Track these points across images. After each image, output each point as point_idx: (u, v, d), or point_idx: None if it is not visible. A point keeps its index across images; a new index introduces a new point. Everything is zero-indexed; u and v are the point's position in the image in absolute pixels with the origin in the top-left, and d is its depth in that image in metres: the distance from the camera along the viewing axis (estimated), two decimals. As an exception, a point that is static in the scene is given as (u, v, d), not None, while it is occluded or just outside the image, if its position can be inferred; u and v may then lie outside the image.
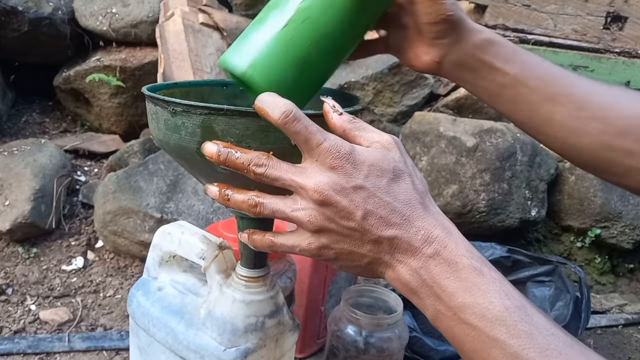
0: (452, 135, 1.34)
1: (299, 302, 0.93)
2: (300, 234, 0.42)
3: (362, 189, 0.38)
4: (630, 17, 2.04)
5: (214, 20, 1.50)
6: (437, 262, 0.38)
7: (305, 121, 0.39)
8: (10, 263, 1.19)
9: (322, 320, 1.00)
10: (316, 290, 0.97)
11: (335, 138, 0.39)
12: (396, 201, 0.39)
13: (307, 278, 0.93)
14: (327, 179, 0.38)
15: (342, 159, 0.38)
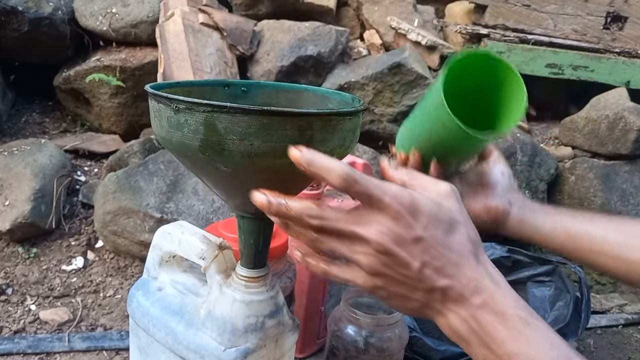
0: (452, 135, 1.34)
1: (299, 302, 0.93)
2: (355, 270, 0.43)
3: (420, 241, 0.40)
4: (630, 17, 2.04)
5: (214, 20, 1.50)
6: (486, 312, 0.40)
7: (363, 181, 0.41)
8: (10, 263, 1.19)
9: (322, 320, 1.00)
10: (316, 290, 0.97)
11: (395, 190, 0.41)
12: (451, 252, 0.41)
13: (307, 278, 0.93)
14: (388, 230, 0.40)
15: (402, 211, 0.40)
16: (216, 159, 0.46)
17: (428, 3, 2.11)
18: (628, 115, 1.44)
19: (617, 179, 1.46)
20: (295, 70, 1.48)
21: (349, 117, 0.49)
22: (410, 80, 1.46)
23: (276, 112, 0.44)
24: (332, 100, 0.63)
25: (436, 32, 1.88)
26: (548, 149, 1.54)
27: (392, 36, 1.72)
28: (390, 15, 1.74)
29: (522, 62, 1.81)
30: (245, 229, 0.57)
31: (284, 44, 1.49)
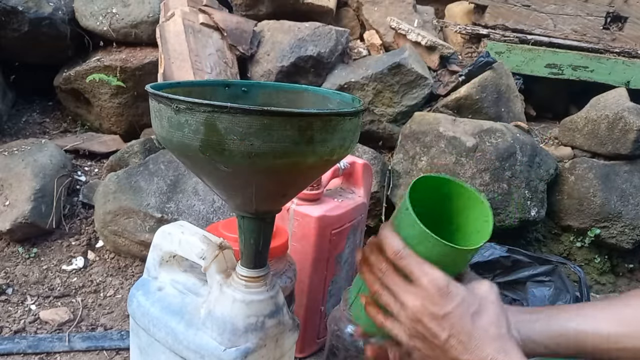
0: (451, 136, 1.34)
1: (299, 302, 0.93)
2: (400, 330, 0.51)
3: (449, 317, 0.47)
4: (630, 17, 2.04)
5: (214, 21, 1.50)
6: None
7: (408, 259, 0.50)
8: (10, 263, 1.19)
9: (322, 319, 0.99)
10: (316, 290, 0.96)
11: (432, 274, 0.48)
12: (475, 330, 0.47)
13: (307, 278, 0.93)
14: (421, 305, 0.48)
15: (436, 292, 0.48)
16: (216, 159, 0.46)
17: (428, 3, 2.11)
18: (628, 115, 1.44)
19: (617, 179, 1.46)
20: (295, 71, 1.49)
21: (349, 117, 0.49)
22: (410, 81, 1.46)
23: (277, 112, 0.44)
24: (332, 100, 0.63)
25: (436, 33, 1.88)
26: (548, 149, 1.54)
27: (392, 36, 1.72)
28: (390, 15, 1.74)
29: (522, 62, 1.81)
30: (245, 229, 0.57)
31: (284, 44, 1.49)
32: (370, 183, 1.11)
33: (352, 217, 1.00)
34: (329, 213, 0.94)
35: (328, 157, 0.49)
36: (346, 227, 0.99)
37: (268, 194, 0.53)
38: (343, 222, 0.97)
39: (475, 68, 1.51)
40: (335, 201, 0.99)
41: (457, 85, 1.54)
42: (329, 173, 0.97)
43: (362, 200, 1.05)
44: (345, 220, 0.98)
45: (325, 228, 0.94)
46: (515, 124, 1.50)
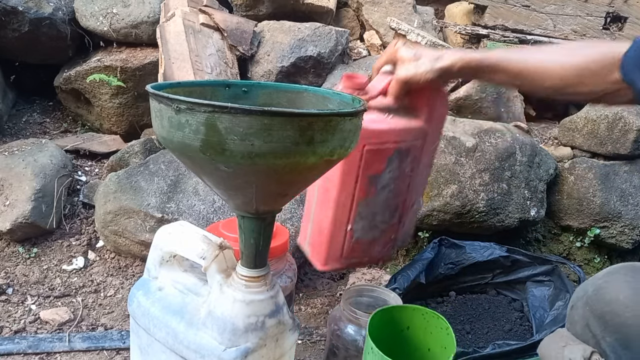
0: (451, 136, 1.34)
1: (326, 213, 0.83)
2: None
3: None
4: (630, 17, 2.05)
5: (214, 21, 1.50)
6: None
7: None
8: (10, 263, 1.20)
9: (347, 240, 0.86)
10: (343, 207, 0.84)
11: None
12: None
13: (335, 189, 0.82)
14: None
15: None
16: (217, 159, 0.46)
17: (428, 4, 2.12)
18: (627, 116, 1.44)
19: (617, 179, 1.46)
20: (295, 71, 1.49)
21: (349, 117, 0.49)
22: (410, 81, 1.46)
23: (277, 112, 0.44)
24: (332, 100, 0.63)
25: (436, 33, 1.89)
26: (547, 149, 1.54)
27: (392, 37, 1.72)
28: (390, 16, 1.75)
29: (522, 63, 1.81)
30: (245, 229, 0.57)
31: (284, 45, 1.49)
32: (444, 113, 0.91)
33: (399, 138, 0.82)
34: (366, 124, 0.75)
35: (328, 157, 0.49)
36: (388, 147, 0.82)
37: (268, 194, 0.53)
38: (383, 139, 0.80)
39: (475, 68, 1.51)
40: (381, 115, 0.81)
41: (457, 85, 1.54)
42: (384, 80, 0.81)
43: (419, 124, 0.84)
44: (387, 138, 0.81)
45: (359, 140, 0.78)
46: (515, 124, 1.50)
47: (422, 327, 0.73)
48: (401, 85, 0.74)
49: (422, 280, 1.08)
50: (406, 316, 0.74)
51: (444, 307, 1.15)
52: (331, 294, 1.28)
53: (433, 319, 0.71)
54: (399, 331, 0.74)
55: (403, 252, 1.44)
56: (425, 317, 0.72)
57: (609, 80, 0.63)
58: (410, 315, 0.73)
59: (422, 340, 0.73)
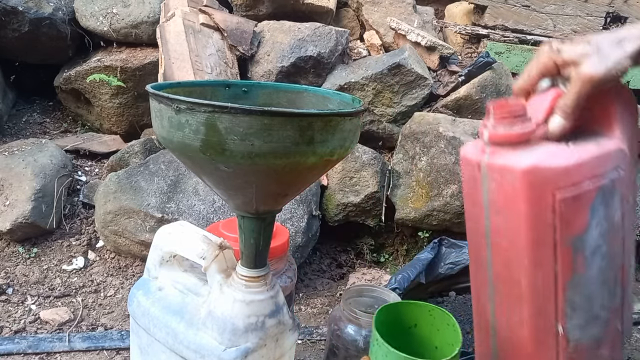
0: (451, 136, 1.34)
1: (519, 317, 0.58)
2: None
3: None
4: (630, 17, 2.04)
5: (214, 21, 1.50)
6: None
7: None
8: (10, 263, 1.20)
9: (562, 350, 0.58)
10: (544, 299, 0.58)
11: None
12: None
13: (523, 275, 0.56)
14: None
15: None
16: (217, 159, 0.46)
17: (427, 4, 2.12)
18: (627, 116, 1.44)
19: (617, 179, 1.46)
20: (295, 71, 1.49)
21: (349, 117, 0.49)
22: (410, 81, 1.46)
23: (277, 112, 0.44)
24: (332, 100, 0.63)
25: (436, 33, 1.89)
26: (547, 149, 1.55)
27: (392, 37, 1.72)
28: (390, 16, 1.75)
29: (522, 63, 1.81)
30: (245, 229, 0.57)
31: (284, 45, 1.49)
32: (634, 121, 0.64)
33: (598, 171, 0.57)
34: (547, 162, 0.54)
35: (328, 157, 0.49)
36: (587, 188, 0.56)
37: (268, 194, 0.53)
38: (577, 178, 0.55)
39: (475, 68, 1.52)
40: (560, 145, 0.57)
41: (457, 85, 1.54)
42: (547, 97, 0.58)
43: (615, 145, 0.59)
44: (581, 175, 0.56)
45: (542, 188, 0.54)
46: (515, 124, 1.50)
47: (428, 324, 0.71)
48: (583, 94, 0.53)
49: (422, 280, 1.08)
50: (413, 313, 0.72)
51: (443, 307, 1.15)
52: (331, 294, 1.28)
53: (439, 316, 0.70)
54: (406, 329, 0.72)
55: (403, 252, 1.44)
56: (432, 314, 0.71)
57: None
58: (417, 313, 0.72)
59: (429, 338, 0.72)
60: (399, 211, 1.35)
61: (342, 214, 1.37)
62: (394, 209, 1.37)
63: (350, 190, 1.36)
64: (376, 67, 1.47)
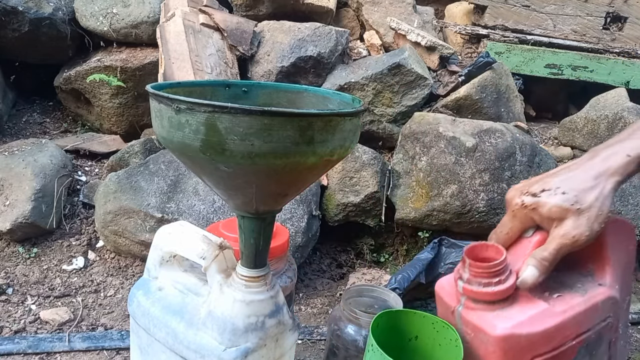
0: (451, 136, 1.34)
1: None
2: None
3: None
4: (630, 17, 2.05)
5: (214, 21, 1.50)
6: None
7: None
8: (10, 263, 1.20)
9: None
10: None
11: None
12: None
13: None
14: None
15: None
16: (217, 159, 0.46)
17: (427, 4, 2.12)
18: (627, 116, 1.44)
19: (617, 180, 1.46)
20: (295, 71, 1.49)
21: (349, 117, 0.49)
22: (410, 81, 1.46)
23: (277, 112, 0.44)
24: (332, 100, 0.63)
25: (436, 33, 1.89)
26: (547, 149, 1.54)
27: (392, 37, 1.72)
28: (390, 16, 1.75)
29: (522, 63, 1.81)
30: (245, 229, 0.57)
31: (284, 45, 1.49)
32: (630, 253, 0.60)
33: (583, 327, 0.54)
34: (525, 328, 0.51)
35: (328, 157, 0.49)
36: (569, 346, 0.53)
37: (268, 194, 0.53)
38: (559, 341, 0.52)
39: (475, 68, 1.52)
40: (540, 301, 0.53)
41: (457, 85, 1.54)
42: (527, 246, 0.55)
43: (607, 292, 0.55)
44: (564, 336, 0.52)
45: (519, 355, 0.51)
46: (515, 124, 1.50)
47: (431, 337, 0.64)
48: (564, 252, 0.51)
49: (422, 280, 1.08)
50: (414, 324, 0.65)
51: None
52: (331, 294, 1.28)
53: (443, 329, 0.61)
54: (406, 340, 0.67)
55: (403, 252, 1.44)
56: (435, 327, 0.63)
57: None
58: (419, 324, 0.65)
59: (430, 352, 0.64)
60: (399, 211, 1.35)
61: (342, 214, 1.37)
62: (394, 209, 1.37)
63: (350, 190, 1.36)
64: (376, 67, 1.47)
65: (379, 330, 0.61)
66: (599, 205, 0.50)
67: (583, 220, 0.50)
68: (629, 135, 0.52)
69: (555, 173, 0.54)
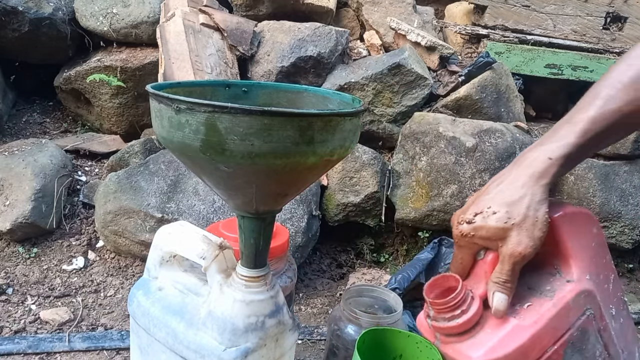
0: (451, 136, 1.34)
1: None
2: None
3: None
4: (630, 17, 2.04)
5: (214, 21, 1.50)
6: None
7: None
8: (10, 263, 1.20)
9: None
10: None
11: None
12: None
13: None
14: None
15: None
16: (217, 159, 0.46)
17: (427, 4, 2.12)
18: (627, 116, 1.45)
19: (617, 179, 1.46)
20: (295, 71, 1.49)
21: (349, 117, 0.49)
22: (410, 81, 1.46)
23: (277, 112, 0.44)
24: (332, 100, 0.63)
25: (436, 33, 1.89)
26: (547, 149, 1.55)
27: (392, 37, 1.72)
28: (390, 16, 1.75)
29: (522, 63, 1.81)
30: (245, 229, 0.57)
31: (284, 45, 1.49)
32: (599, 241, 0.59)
33: (560, 330, 0.53)
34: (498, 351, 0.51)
35: (328, 157, 0.49)
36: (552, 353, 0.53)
37: (269, 194, 0.53)
38: (538, 351, 0.52)
39: (475, 68, 1.52)
40: (513, 316, 0.53)
41: (457, 85, 1.54)
42: (486, 264, 0.54)
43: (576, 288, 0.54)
44: (543, 344, 0.52)
45: None
46: (515, 124, 1.50)
47: (414, 356, 0.64)
48: (517, 268, 0.51)
49: (422, 280, 1.08)
50: (399, 342, 0.66)
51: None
52: (331, 294, 1.28)
53: (426, 349, 0.61)
54: (390, 358, 0.67)
55: (403, 252, 1.44)
56: (419, 347, 0.63)
57: None
58: (404, 343, 0.65)
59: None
60: (399, 211, 1.35)
61: (342, 214, 1.37)
62: (394, 209, 1.37)
63: (350, 190, 1.36)
64: (376, 67, 1.47)
65: (364, 346, 0.62)
66: (533, 214, 0.50)
67: (523, 234, 0.50)
68: (549, 137, 0.52)
69: (486, 190, 0.54)
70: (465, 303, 0.53)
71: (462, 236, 0.53)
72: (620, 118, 0.51)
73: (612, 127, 0.51)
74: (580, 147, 0.51)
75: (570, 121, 0.52)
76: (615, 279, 0.60)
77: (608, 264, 0.59)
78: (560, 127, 0.52)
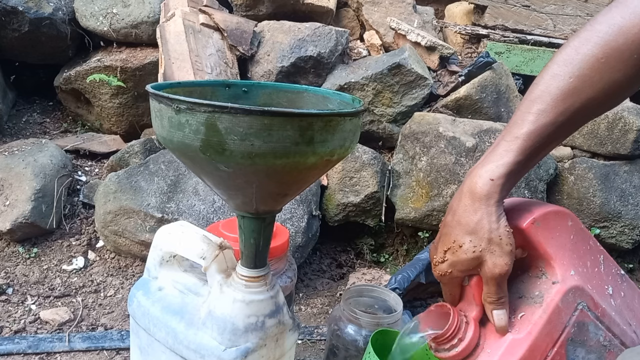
0: (451, 136, 1.34)
1: None
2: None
3: None
4: (630, 17, 2.04)
5: (214, 21, 1.50)
6: None
7: None
8: (10, 263, 1.20)
9: None
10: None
11: None
12: None
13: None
14: None
15: None
16: (217, 159, 0.46)
17: (428, 4, 2.12)
18: (627, 116, 1.44)
19: (617, 179, 1.46)
20: (295, 71, 1.49)
21: (349, 117, 0.49)
22: (410, 81, 1.46)
23: (277, 112, 0.44)
24: (332, 100, 0.63)
25: (436, 33, 1.89)
26: (547, 149, 1.55)
27: (392, 37, 1.72)
28: (390, 16, 1.75)
29: (522, 63, 1.81)
30: (245, 229, 0.57)
31: (284, 45, 1.49)
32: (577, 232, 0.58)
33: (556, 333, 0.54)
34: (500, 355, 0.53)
35: (328, 157, 0.49)
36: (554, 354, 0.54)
37: (268, 194, 0.53)
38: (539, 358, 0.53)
39: (475, 68, 1.52)
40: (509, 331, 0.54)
41: (457, 85, 1.54)
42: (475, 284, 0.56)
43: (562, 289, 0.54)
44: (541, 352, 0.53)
45: None
46: (515, 124, 1.50)
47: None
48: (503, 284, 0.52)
49: (422, 280, 1.08)
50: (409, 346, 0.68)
51: (444, 307, 1.16)
52: (331, 294, 1.28)
53: (434, 356, 0.61)
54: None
55: (403, 252, 1.44)
56: (428, 352, 0.64)
57: None
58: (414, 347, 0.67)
59: None
60: (399, 211, 1.35)
61: (342, 214, 1.37)
62: (394, 209, 1.37)
63: (350, 190, 1.36)
64: (376, 67, 1.47)
65: (378, 344, 0.64)
66: (495, 234, 0.51)
67: (495, 256, 0.51)
68: (490, 155, 0.53)
69: (446, 223, 0.55)
70: (460, 331, 0.54)
71: (442, 276, 0.55)
72: (555, 129, 0.52)
73: (548, 138, 0.52)
74: (519, 163, 0.52)
75: (506, 138, 0.53)
76: (605, 259, 0.60)
77: (593, 248, 0.59)
78: (498, 144, 0.53)
